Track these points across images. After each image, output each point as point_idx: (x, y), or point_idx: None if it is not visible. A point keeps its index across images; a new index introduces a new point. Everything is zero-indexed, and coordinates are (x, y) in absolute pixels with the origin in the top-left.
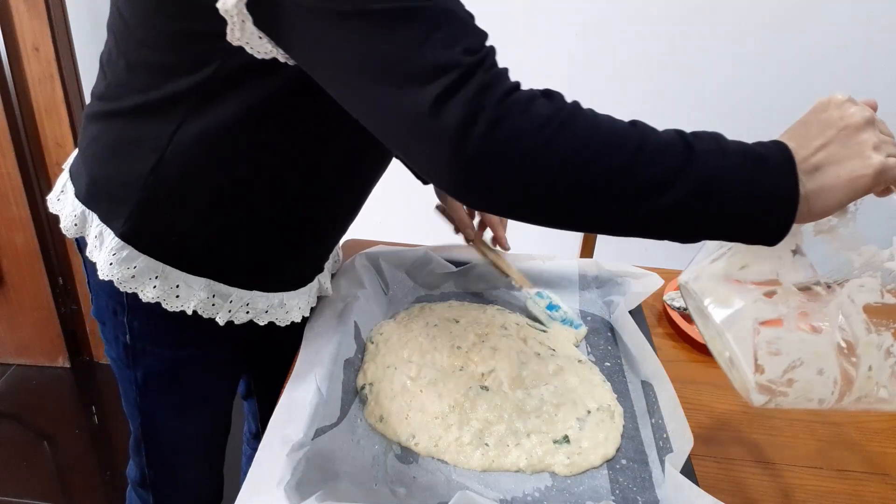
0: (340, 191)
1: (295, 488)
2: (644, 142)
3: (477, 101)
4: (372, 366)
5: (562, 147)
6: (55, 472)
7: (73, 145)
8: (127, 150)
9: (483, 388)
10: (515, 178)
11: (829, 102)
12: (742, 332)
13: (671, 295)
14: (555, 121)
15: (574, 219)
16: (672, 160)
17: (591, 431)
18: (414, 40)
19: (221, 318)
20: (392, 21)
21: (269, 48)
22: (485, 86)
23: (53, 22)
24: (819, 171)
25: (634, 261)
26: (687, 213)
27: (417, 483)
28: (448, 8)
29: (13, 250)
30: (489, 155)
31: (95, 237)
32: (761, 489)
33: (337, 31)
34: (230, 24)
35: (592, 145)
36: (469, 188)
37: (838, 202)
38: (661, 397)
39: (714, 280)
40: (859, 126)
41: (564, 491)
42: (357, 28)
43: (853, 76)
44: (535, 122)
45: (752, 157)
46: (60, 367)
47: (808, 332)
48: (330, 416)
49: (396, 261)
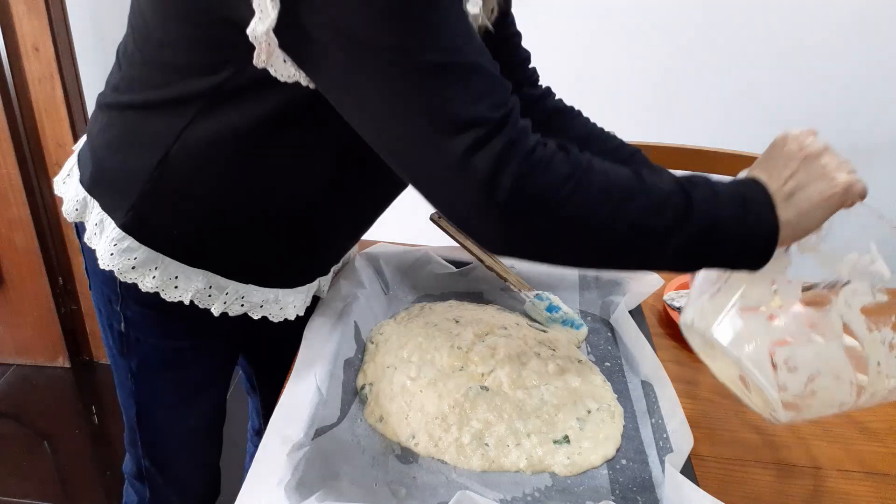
0: (349, 205)
1: (295, 488)
2: (651, 194)
3: (505, 155)
4: (372, 366)
5: (581, 202)
6: (55, 472)
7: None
8: (134, 143)
9: (483, 389)
10: (539, 229)
11: (786, 138)
12: (758, 355)
13: (671, 295)
14: (573, 178)
15: (589, 262)
16: (675, 210)
17: (591, 431)
18: (445, 94)
19: (216, 310)
20: (424, 74)
21: (293, 72)
22: (512, 142)
23: (53, 22)
24: (793, 197)
25: None
26: (688, 254)
27: (417, 483)
28: (477, 63)
29: (13, 250)
30: (515, 208)
31: (95, 224)
32: (761, 489)
33: (367, 75)
34: (257, 49)
35: (608, 200)
36: (494, 236)
37: (816, 221)
38: (661, 397)
39: (718, 313)
40: (818, 153)
41: (564, 491)
42: (389, 77)
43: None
44: (558, 179)
45: (738, 200)
46: (60, 367)
47: (818, 343)
48: (330, 416)
49: (396, 261)
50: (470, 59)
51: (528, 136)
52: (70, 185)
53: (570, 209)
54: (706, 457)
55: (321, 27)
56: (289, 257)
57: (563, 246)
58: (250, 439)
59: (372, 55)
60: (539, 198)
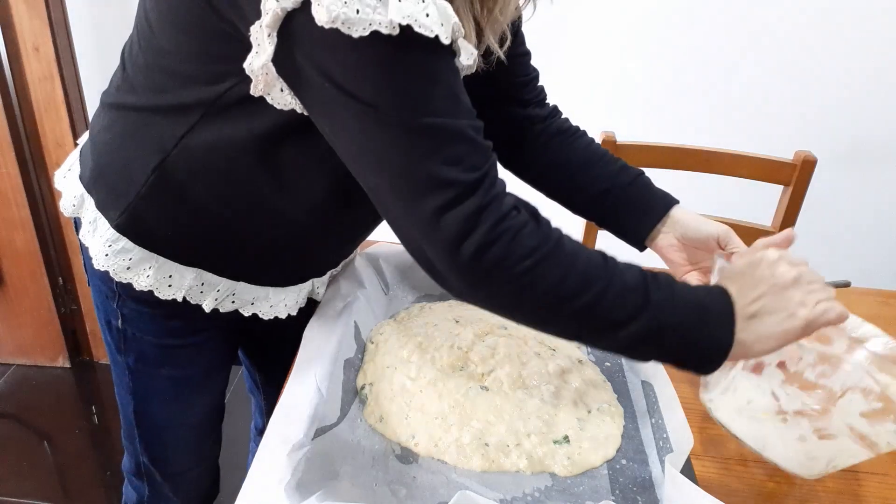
0: (341, 222)
1: (295, 488)
2: (611, 283)
3: (473, 219)
4: (372, 366)
5: (540, 279)
6: (55, 472)
7: (74, 145)
8: (134, 145)
9: (483, 389)
10: (498, 294)
11: (762, 260)
12: (778, 452)
13: None
14: (538, 253)
15: (543, 329)
16: (631, 306)
17: (591, 432)
18: (425, 154)
19: (208, 305)
20: (408, 133)
21: (290, 100)
22: (482, 206)
23: (53, 22)
24: (753, 319)
25: (634, 261)
26: (637, 348)
27: (417, 483)
28: (458, 127)
29: (13, 250)
30: (477, 271)
31: (90, 222)
32: (761, 489)
33: (355, 121)
34: (254, 81)
35: (567, 282)
36: (457, 289)
37: (770, 348)
38: (661, 397)
39: (732, 411)
40: (786, 285)
41: (564, 491)
42: (373, 130)
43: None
44: (521, 252)
45: (698, 309)
46: (60, 367)
47: (828, 442)
48: (330, 416)
49: (396, 261)
50: (450, 123)
51: (500, 202)
52: (70, 181)
53: (528, 282)
54: (706, 457)
55: (311, 67)
56: (280, 261)
57: (518, 312)
58: (253, 439)
59: (354, 104)
60: (499, 267)
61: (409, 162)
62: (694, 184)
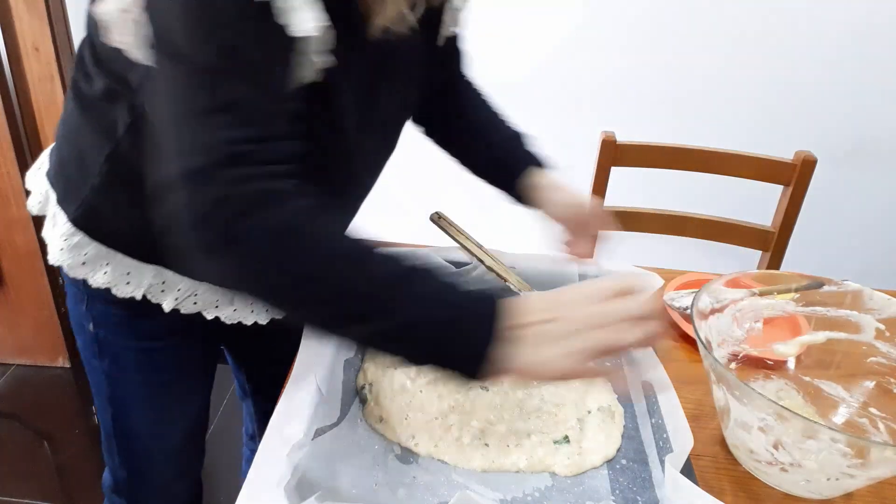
0: None
1: (295, 488)
2: (354, 277)
3: (231, 187)
4: (372, 366)
5: (278, 261)
6: (55, 472)
7: None
8: (86, 135)
9: (483, 389)
10: (238, 270)
11: (569, 292)
12: (797, 490)
13: (671, 295)
14: (286, 233)
15: (291, 318)
16: (376, 301)
17: (591, 432)
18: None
19: (167, 305)
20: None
21: None
22: (242, 178)
23: (53, 22)
24: (523, 342)
25: (635, 261)
26: (380, 345)
27: (417, 483)
28: (251, 94)
29: (13, 250)
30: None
31: (51, 217)
32: (761, 489)
33: (159, 68)
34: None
35: (309, 265)
36: (189, 255)
37: (552, 377)
38: (661, 397)
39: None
40: (568, 333)
41: (564, 491)
42: (168, 76)
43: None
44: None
45: (450, 314)
46: (60, 367)
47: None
48: (330, 417)
49: None
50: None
51: (279, 180)
52: (38, 178)
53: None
54: (706, 457)
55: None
56: None
57: (261, 296)
58: (245, 444)
59: (161, 49)
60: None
61: (187, 111)
62: (694, 184)
